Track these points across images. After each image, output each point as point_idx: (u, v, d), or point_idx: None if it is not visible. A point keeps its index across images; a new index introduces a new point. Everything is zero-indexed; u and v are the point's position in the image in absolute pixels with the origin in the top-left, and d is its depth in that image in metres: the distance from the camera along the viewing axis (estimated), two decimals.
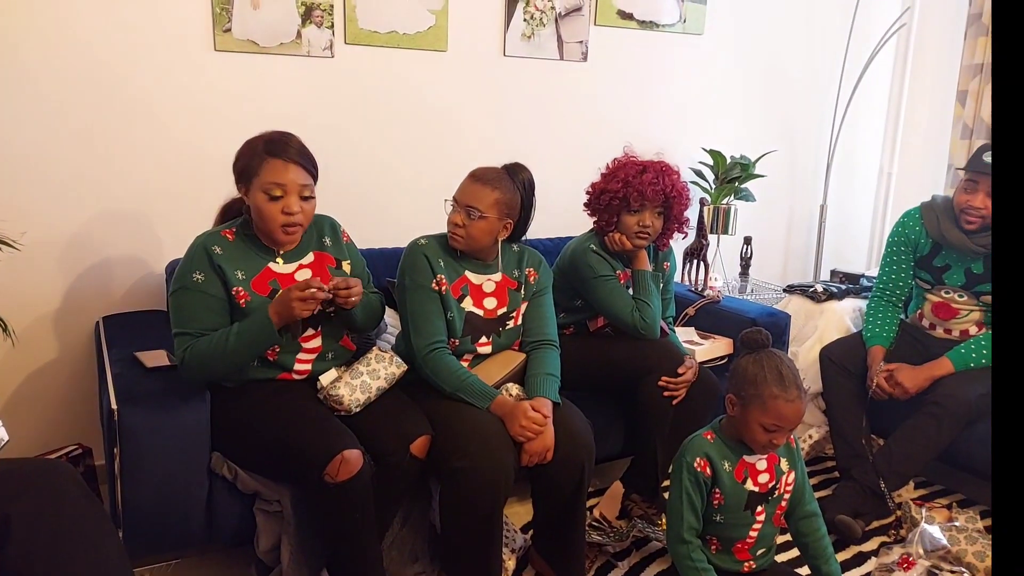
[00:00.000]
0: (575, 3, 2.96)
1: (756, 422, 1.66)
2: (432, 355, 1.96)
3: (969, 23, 3.35)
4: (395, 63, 2.71)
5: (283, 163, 1.80)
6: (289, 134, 1.87)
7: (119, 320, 2.34)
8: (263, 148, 1.82)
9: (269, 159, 1.80)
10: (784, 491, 1.78)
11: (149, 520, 1.78)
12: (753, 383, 1.66)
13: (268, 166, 1.80)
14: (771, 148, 3.50)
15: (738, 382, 1.71)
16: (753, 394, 1.66)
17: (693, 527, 1.74)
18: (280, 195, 1.81)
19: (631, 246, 2.31)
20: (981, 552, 2.10)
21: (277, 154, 1.81)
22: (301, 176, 1.83)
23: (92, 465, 2.33)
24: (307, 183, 1.84)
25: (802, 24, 3.51)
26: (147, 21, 2.33)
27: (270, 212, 1.81)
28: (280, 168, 1.80)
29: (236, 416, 1.84)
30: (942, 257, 2.48)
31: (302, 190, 1.83)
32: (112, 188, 2.38)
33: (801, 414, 1.65)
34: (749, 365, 1.70)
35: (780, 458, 1.78)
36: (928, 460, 2.33)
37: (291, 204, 1.81)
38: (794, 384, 1.65)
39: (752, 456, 1.75)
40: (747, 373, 1.69)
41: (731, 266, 3.51)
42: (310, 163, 1.86)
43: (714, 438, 1.78)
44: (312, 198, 1.87)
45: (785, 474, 1.77)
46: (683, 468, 1.75)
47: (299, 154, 1.84)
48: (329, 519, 1.75)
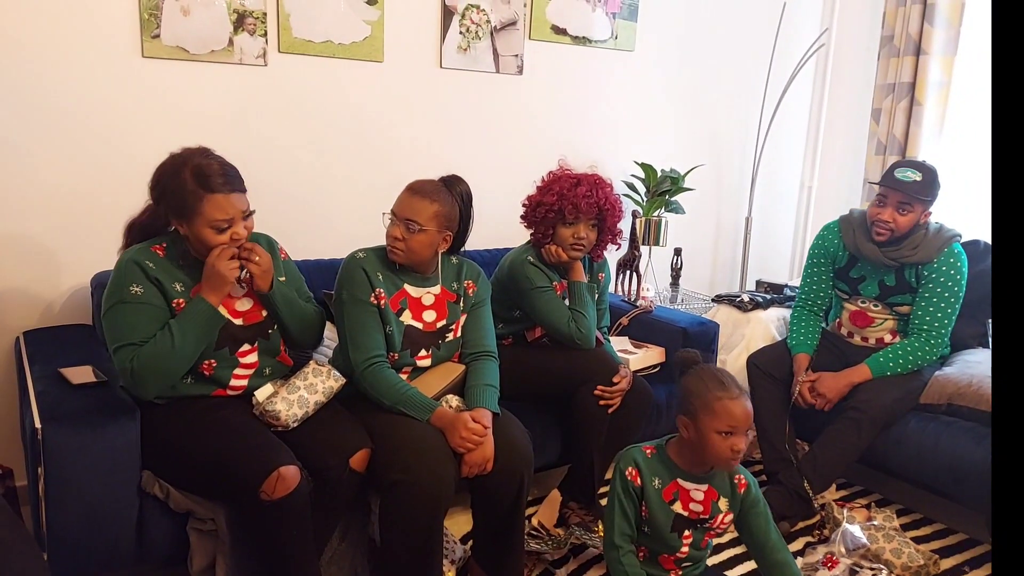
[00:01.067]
0: (510, 17, 3.00)
1: (710, 431, 1.68)
2: (370, 370, 1.95)
3: (882, 44, 3.53)
4: (330, 73, 2.69)
5: (223, 196, 1.76)
6: (209, 154, 1.80)
7: (41, 335, 2.24)
8: (195, 182, 1.74)
9: (208, 195, 1.74)
10: (718, 526, 1.79)
11: (76, 542, 1.72)
12: (697, 394, 1.71)
13: (210, 203, 1.75)
14: (699, 162, 3.61)
15: (683, 400, 1.75)
16: (699, 404, 1.70)
17: (626, 533, 1.77)
18: (228, 226, 1.78)
19: (567, 258, 2.35)
20: (897, 549, 2.21)
21: (215, 188, 1.75)
22: (241, 201, 1.80)
23: (13, 486, 2.23)
24: (246, 205, 1.82)
25: (727, 43, 3.64)
26: (71, 24, 2.25)
27: (219, 241, 1.78)
28: (223, 203, 1.76)
29: (168, 433, 1.80)
30: (858, 269, 2.60)
31: (244, 213, 1.81)
32: (31, 198, 2.29)
33: (749, 413, 1.69)
34: (689, 381, 1.75)
35: (720, 496, 1.78)
36: (849, 463, 2.45)
37: (239, 231, 1.80)
38: (734, 384, 1.71)
39: (689, 482, 1.77)
40: (689, 388, 1.74)
41: (662, 277, 3.60)
42: (240, 182, 1.82)
43: (652, 453, 1.81)
44: (252, 213, 1.84)
45: (722, 513, 1.78)
46: (617, 475, 1.79)
47: (231, 179, 1.78)
48: (266, 537, 1.73)
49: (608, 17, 3.25)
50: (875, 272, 2.56)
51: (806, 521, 2.48)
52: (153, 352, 1.74)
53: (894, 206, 2.43)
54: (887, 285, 2.55)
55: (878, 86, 3.56)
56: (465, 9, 2.89)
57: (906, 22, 3.38)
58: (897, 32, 3.43)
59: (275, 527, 1.71)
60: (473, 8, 2.91)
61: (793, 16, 3.71)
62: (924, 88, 3.35)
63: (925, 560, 2.20)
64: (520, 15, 3.02)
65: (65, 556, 1.71)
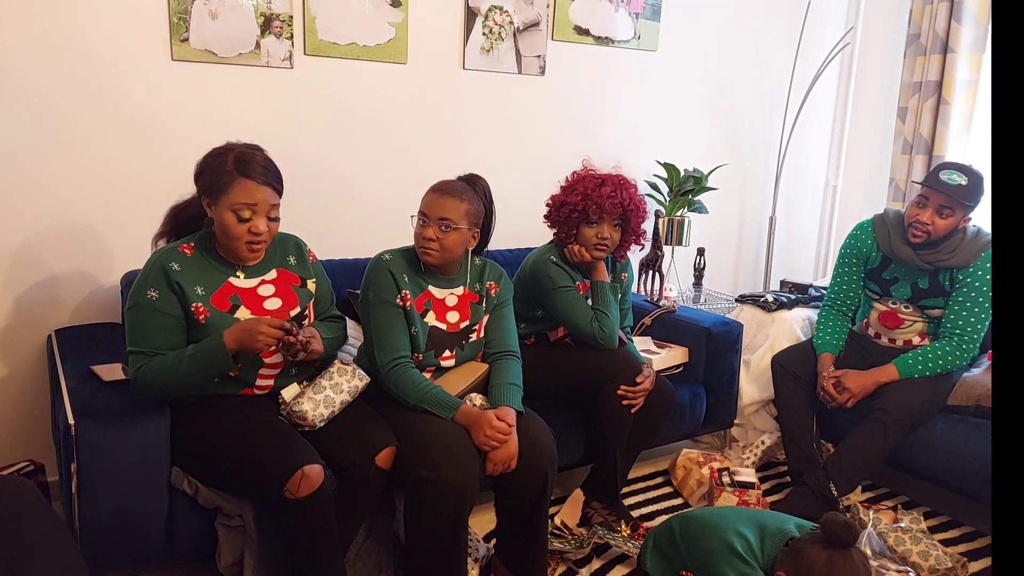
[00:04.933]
0: (533, 18, 3.01)
1: None
2: (395, 370, 1.97)
3: (908, 43, 3.50)
4: (355, 75, 2.72)
5: (255, 184, 1.78)
6: (257, 149, 1.85)
7: (72, 333, 2.29)
8: (234, 166, 1.78)
9: (240, 179, 1.78)
10: None
11: (107, 536, 1.75)
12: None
13: (239, 186, 1.78)
14: (722, 162, 3.59)
15: (798, 569, 1.62)
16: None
17: None
18: (249, 216, 1.80)
19: (590, 258, 2.35)
20: (925, 551, 2.19)
21: (249, 174, 1.78)
22: (270, 196, 1.82)
23: (45, 482, 2.27)
24: (275, 203, 1.84)
25: (751, 42, 3.62)
26: (102, 30, 2.29)
27: (237, 231, 1.80)
28: (251, 189, 1.78)
29: (196, 431, 1.82)
30: (891, 270, 2.56)
31: (270, 210, 1.83)
32: (64, 200, 2.33)
33: None
34: (818, 563, 1.60)
35: None
36: (876, 465, 2.42)
37: (259, 225, 1.81)
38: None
39: None
40: (813, 571, 1.60)
41: (685, 277, 3.59)
42: (278, 181, 1.85)
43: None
44: (278, 218, 1.86)
45: None
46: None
47: (269, 173, 1.82)
48: (291, 535, 1.75)
49: (631, 17, 3.24)
50: (908, 274, 2.52)
51: None
52: (159, 372, 1.76)
53: (935, 208, 2.38)
54: (920, 288, 2.51)
55: (904, 84, 3.53)
56: (488, 10, 2.90)
57: (933, 20, 3.35)
58: (924, 30, 3.40)
59: (300, 525, 1.72)
60: (496, 9, 2.92)
61: (818, 15, 3.69)
62: (952, 86, 3.31)
63: (953, 563, 2.17)
64: (543, 16, 3.03)
65: (96, 550, 1.74)
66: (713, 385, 2.73)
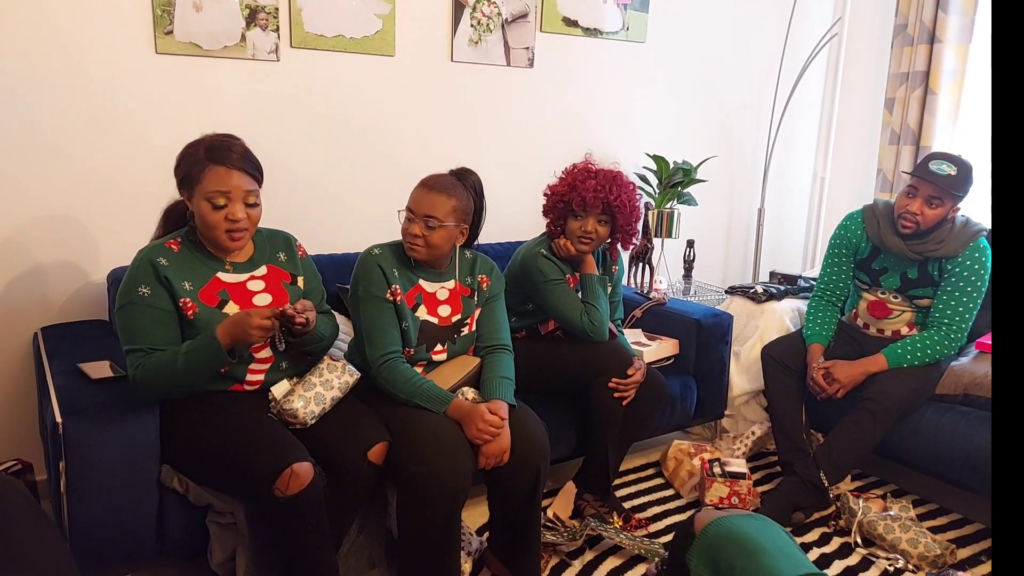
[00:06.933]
0: (521, 10, 3.00)
1: None
2: (386, 366, 1.96)
3: (895, 33, 3.51)
4: (342, 67, 2.70)
5: (226, 170, 1.76)
6: (232, 137, 1.83)
7: (59, 331, 2.26)
8: (205, 154, 1.77)
9: (211, 166, 1.76)
10: None
11: (97, 535, 1.73)
12: None
13: (210, 173, 1.76)
14: (711, 154, 3.60)
15: None
16: None
17: None
18: (224, 203, 1.77)
19: (574, 251, 2.34)
20: (914, 539, 2.21)
21: (220, 160, 1.76)
22: (245, 182, 1.79)
23: (33, 481, 2.25)
24: (252, 189, 1.81)
25: (739, 34, 3.62)
26: (85, 23, 2.26)
27: (214, 220, 1.78)
28: (223, 175, 1.76)
29: (185, 429, 1.81)
30: (880, 261, 2.58)
31: (247, 196, 1.80)
32: (48, 196, 2.30)
33: None
34: None
35: None
36: (865, 454, 2.43)
37: (235, 211, 1.78)
38: None
39: None
40: None
41: (675, 269, 3.60)
42: (254, 168, 1.83)
43: None
44: (258, 204, 1.84)
45: None
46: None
47: (242, 159, 1.79)
48: (282, 532, 1.73)
49: (619, 8, 3.23)
50: (898, 265, 2.54)
51: (821, 512, 2.48)
52: (157, 370, 1.74)
53: (924, 198, 2.39)
54: (909, 278, 2.52)
55: (891, 75, 3.54)
56: (476, 2, 2.89)
57: (920, 10, 3.36)
58: (911, 20, 3.41)
59: (291, 522, 1.71)
60: (484, 1, 2.90)
61: (805, 6, 3.69)
62: (938, 77, 3.32)
63: (942, 550, 2.19)
64: (531, 7, 3.01)
65: (87, 549, 1.73)
66: (704, 376, 2.73)
